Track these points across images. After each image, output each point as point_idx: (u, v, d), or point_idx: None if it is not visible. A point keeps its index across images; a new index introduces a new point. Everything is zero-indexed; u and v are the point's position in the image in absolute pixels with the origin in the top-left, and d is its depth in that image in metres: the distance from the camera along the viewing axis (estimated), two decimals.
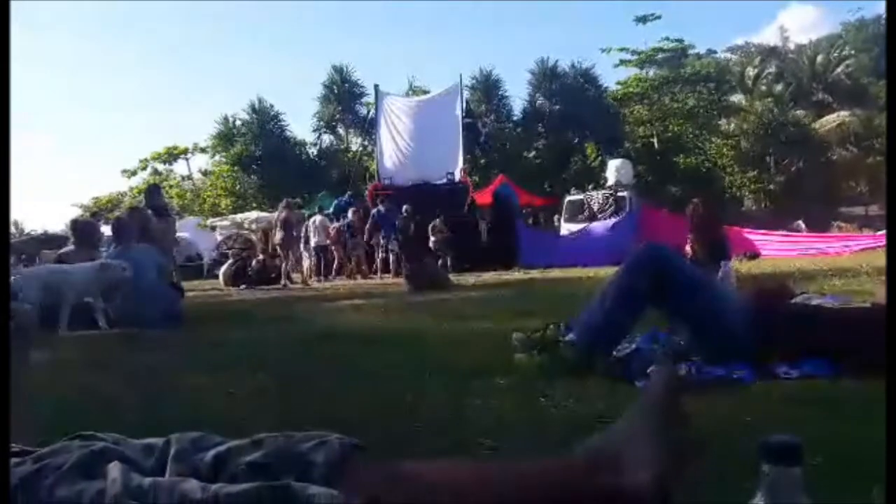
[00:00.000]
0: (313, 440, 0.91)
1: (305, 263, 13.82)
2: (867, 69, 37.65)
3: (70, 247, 6.05)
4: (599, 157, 29.67)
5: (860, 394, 1.92)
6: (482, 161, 28.67)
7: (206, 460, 0.89)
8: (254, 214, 23.76)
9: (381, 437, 1.72)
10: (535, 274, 10.52)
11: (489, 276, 10.77)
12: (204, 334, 4.52)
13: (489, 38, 60.64)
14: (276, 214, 12.71)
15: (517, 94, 34.27)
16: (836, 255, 12.94)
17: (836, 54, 37.24)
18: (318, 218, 14.12)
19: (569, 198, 18.72)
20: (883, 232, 15.67)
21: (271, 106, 33.77)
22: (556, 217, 20.22)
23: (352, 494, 0.81)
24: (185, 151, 34.92)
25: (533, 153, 32.66)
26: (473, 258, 13.85)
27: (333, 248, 14.23)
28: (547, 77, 32.73)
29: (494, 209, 16.19)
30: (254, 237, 19.25)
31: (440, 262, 13.86)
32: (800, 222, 22.17)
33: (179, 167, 36.12)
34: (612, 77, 35.98)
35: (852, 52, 38.39)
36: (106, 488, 0.80)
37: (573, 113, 30.83)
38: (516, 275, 11.23)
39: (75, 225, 6.42)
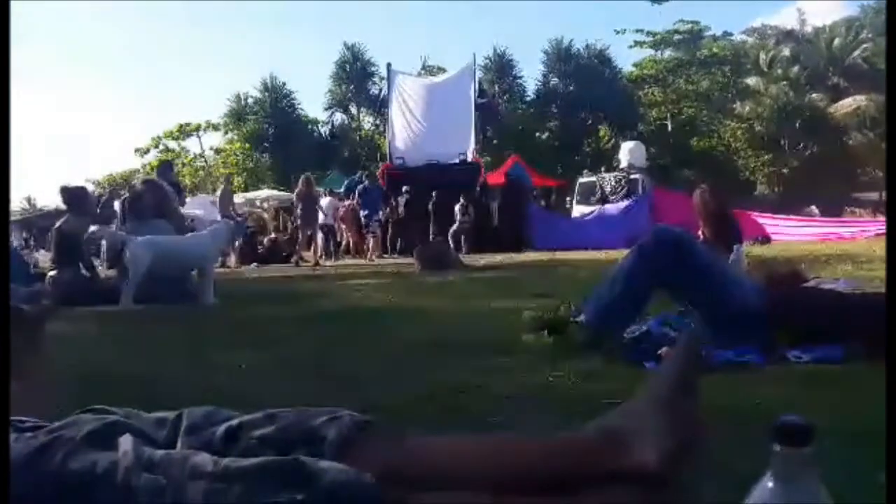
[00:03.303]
0: (325, 416, 0.92)
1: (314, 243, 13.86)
2: (885, 53, 36.86)
3: (65, 217, 5.73)
4: (612, 140, 29.45)
5: (871, 379, 1.91)
6: (494, 142, 28.51)
7: (217, 434, 0.90)
8: (265, 192, 23.82)
9: (391, 412, 1.74)
10: (546, 256, 10.50)
11: (500, 258, 10.77)
12: (219, 312, 4.56)
13: (503, 18, 59.92)
14: (296, 190, 12.61)
15: (531, 75, 34.01)
16: (850, 239, 12.81)
17: (853, 38, 36.52)
18: (326, 198, 14.12)
19: (581, 180, 18.60)
20: None
21: (283, 84, 33.69)
22: (568, 199, 20.13)
23: (362, 469, 0.82)
24: (198, 128, 34.93)
25: (546, 134, 32.47)
26: (484, 239, 13.84)
27: (343, 228, 14.25)
28: (561, 57, 32.42)
29: (506, 190, 16.13)
30: (266, 216, 19.32)
31: (455, 242, 13.88)
32: (813, 207, 21.94)
33: (192, 145, 36.20)
34: (626, 58, 35.62)
35: (870, 35, 37.62)
36: (118, 460, 0.81)
37: (587, 94, 30.56)
38: (528, 256, 11.22)
39: (66, 192, 5.93)
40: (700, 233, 4.96)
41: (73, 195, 5.91)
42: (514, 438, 0.99)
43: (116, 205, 8.82)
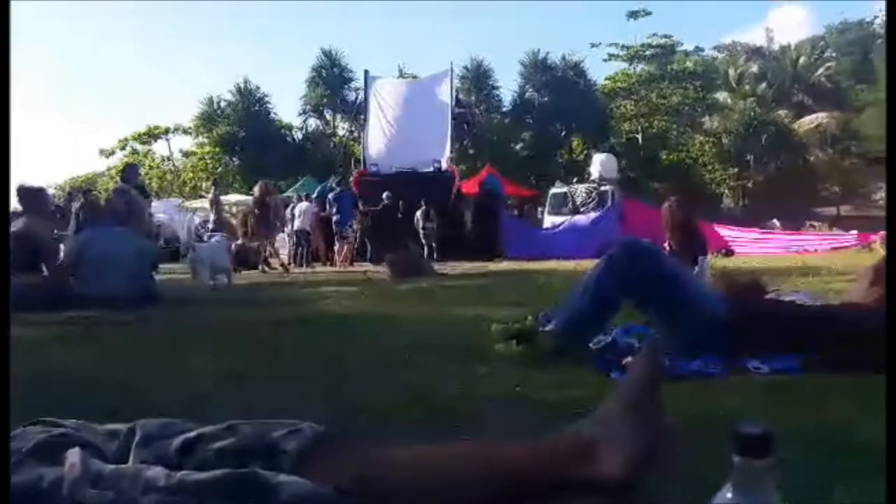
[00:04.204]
0: (286, 428, 0.91)
1: (287, 249, 13.73)
2: (847, 72, 38.15)
3: (21, 219, 5.37)
4: (585, 151, 29.80)
5: (830, 389, 1.95)
6: (470, 151, 28.64)
7: (173, 447, 0.88)
8: (234, 197, 23.53)
9: (356, 423, 1.72)
10: (517, 265, 10.56)
11: (472, 266, 10.79)
12: (180, 317, 4.48)
13: (481, 29, 60.39)
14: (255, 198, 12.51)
15: (507, 86, 34.30)
16: (809, 253, 13.13)
17: (817, 56, 37.66)
18: (303, 204, 14.01)
19: (553, 190, 18.77)
20: (854, 232, 15.95)
21: (257, 88, 33.44)
22: (540, 209, 20.27)
23: (321, 483, 0.80)
24: (167, 132, 34.44)
25: (520, 145, 32.72)
26: (457, 248, 13.87)
27: (315, 234, 14.14)
28: (537, 69, 32.76)
29: (480, 200, 16.19)
30: (234, 221, 19.05)
31: (428, 250, 13.92)
32: (775, 220, 22.50)
33: (160, 148, 35.64)
34: (601, 71, 36.13)
35: (833, 54, 38.84)
36: (65, 474, 0.78)
37: (562, 106, 30.92)
38: (499, 265, 11.26)
39: (22, 192, 5.56)
40: (667, 244, 5.04)
41: (29, 196, 5.60)
42: (480, 448, 0.99)
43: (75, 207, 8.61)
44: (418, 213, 14.59)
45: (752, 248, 14.40)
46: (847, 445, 1.43)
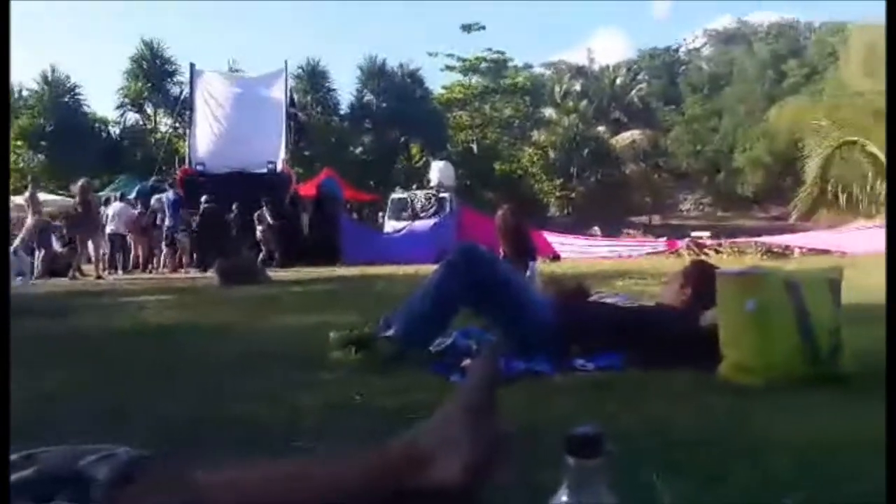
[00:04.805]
0: (97, 454, 0.80)
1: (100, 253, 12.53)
2: (657, 94, 42.78)
3: None
4: (424, 158, 30.40)
5: (649, 383, 2.12)
6: (307, 153, 28.03)
7: None
8: (41, 196, 21.03)
9: (181, 443, 1.58)
10: (356, 270, 10.48)
11: (310, 272, 10.54)
12: None
13: (317, 31, 59.46)
14: (75, 198, 11.34)
15: (345, 89, 34.02)
16: (626, 258, 14.40)
17: (632, 78, 41.82)
18: (117, 204, 12.86)
19: (393, 195, 18.90)
20: (663, 239, 17.79)
21: (67, 77, 30.22)
22: (380, 214, 20.33)
23: None
24: None
25: (359, 149, 32.63)
26: (295, 252, 13.47)
27: (133, 237, 13.07)
28: (375, 74, 32.86)
29: (318, 203, 15.86)
30: (56, 222, 17.03)
31: (267, 255, 13.38)
32: (596, 228, 24.53)
33: None
34: (438, 81, 37.11)
35: (646, 77, 43.36)
36: None
37: (400, 112, 31.26)
38: (338, 270, 11.11)
39: None
40: (501, 250, 5.26)
41: None
42: (312, 462, 0.93)
43: None
44: (255, 216, 13.98)
45: (576, 253, 15.49)
46: (665, 440, 1.55)
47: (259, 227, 13.91)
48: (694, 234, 19.07)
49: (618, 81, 40.76)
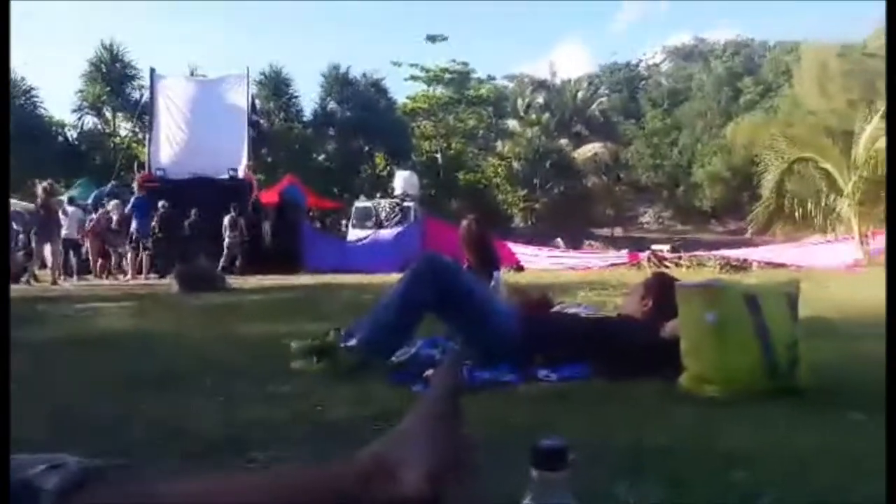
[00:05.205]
0: (44, 464, 0.76)
1: (58, 259, 12.15)
2: (617, 108, 43.63)
3: None
4: (388, 167, 30.34)
5: (613, 395, 2.13)
6: (269, 160, 27.69)
7: None
8: None
9: (137, 454, 1.53)
10: (319, 278, 10.37)
11: (272, 280, 10.38)
12: None
13: (280, 38, 58.96)
14: (37, 200, 10.98)
15: (308, 96, 33.80)
16: (589, 269, 14.57)
17: (593, 92, 42.55)
18: (69, 208, 12.51)
19: (357, 204, 18.82)
20: (625, 251, 18.07)
21: (22, 79, 29.33)
22: (344, 222, 20.19)
23: None
24: None
25: (323, 156, 32.39)
26: (256, 260, 13.28)
27: (88, 243, 12.71)
28: (338, 82, 32.70)
29: (280, 210, 15.68)
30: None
31: (228, 261, 13.18)
32: (559, 239, 24.80)
33: None
34: (402, 91, 37.13)
35: (607, 91, 44.20)
36: None
37: (364, 121, 31.13)
38: (300, 279, 10.97)
39: None
40: (465, 260, 5.27)
41: None
42: (271, 475, 0.90)
43: None
44: (225, 221, 13.74)
45: (539, 264, 15.62)
46: (627, 449, 1.56)
47: (229, 234, 13.68)
48: (654, 247, 19.43)
49: (579, 95, 41.40)
